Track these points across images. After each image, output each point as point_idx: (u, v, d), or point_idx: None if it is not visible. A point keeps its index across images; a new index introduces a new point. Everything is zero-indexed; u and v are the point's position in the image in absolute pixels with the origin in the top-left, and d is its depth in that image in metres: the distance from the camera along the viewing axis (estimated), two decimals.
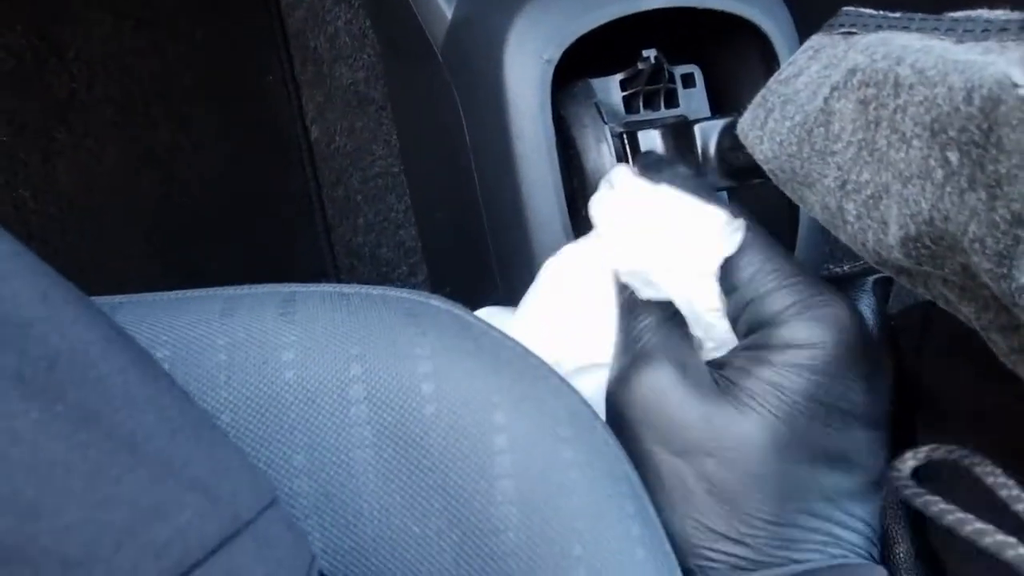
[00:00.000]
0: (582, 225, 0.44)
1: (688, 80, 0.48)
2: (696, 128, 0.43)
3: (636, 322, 0.38)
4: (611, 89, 0.46)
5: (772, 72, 0.35)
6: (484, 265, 0.50)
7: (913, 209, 0.27)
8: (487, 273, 0.50)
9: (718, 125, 0.43)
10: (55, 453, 0.19)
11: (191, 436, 0.22)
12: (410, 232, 0.86)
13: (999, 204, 0.23)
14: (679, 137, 0.44)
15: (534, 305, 0.41)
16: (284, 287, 0.32)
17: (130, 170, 0.81)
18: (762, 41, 0.46)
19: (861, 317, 0.36)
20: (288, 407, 0.29)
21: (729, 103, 0.48)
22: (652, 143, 0.44)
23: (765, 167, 0.34)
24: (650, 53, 0.44)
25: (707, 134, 0.43)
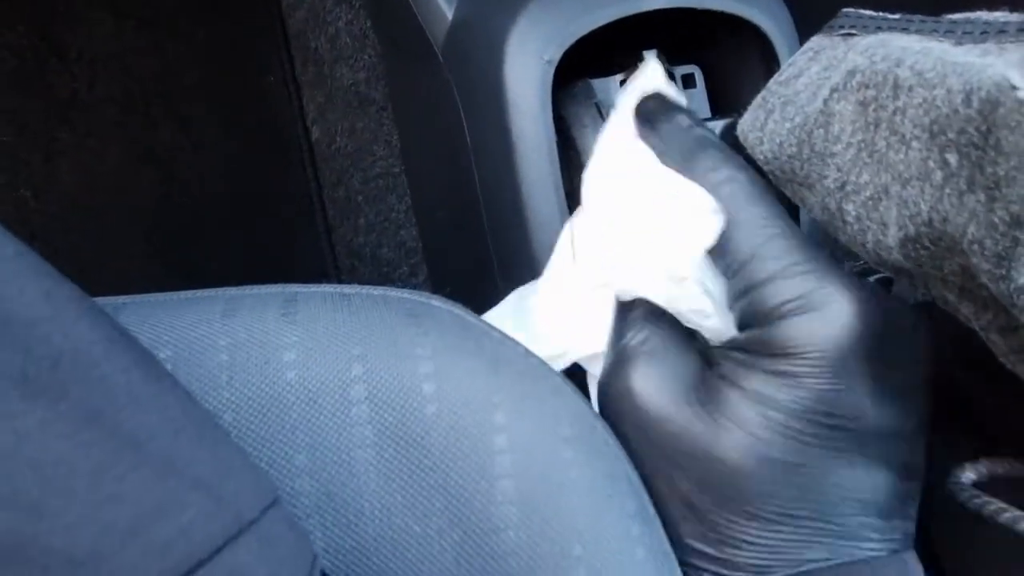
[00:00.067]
0: None
1: (688, 81, 0.48)
2: None
3: (625, 314, 0.35)
4: (611, 89, 0.46)
5: (772, 73, 0.35)
6: (485, 265, 0.50)
7: (912, 210, 0.27)
8: (488, 273, 0.50)
9: (718, 126, 0.43)
10: (59, 452, 0.19)
11: (194, 436, 0.22)
12: (411, 232, 0.86)
13: (998, 206, 0.23)
14: None
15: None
16: (285, 288, 0.32)
17: (131, 170, 0.81)
18: (762, 42, 0.46)
19: (881, 311, 0.31)
20: (290, 407, 0.29)
21: (729, 104, 0.48)
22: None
23: (765, 168, 0.34)
24: (650, 54, 0.44)
25: None
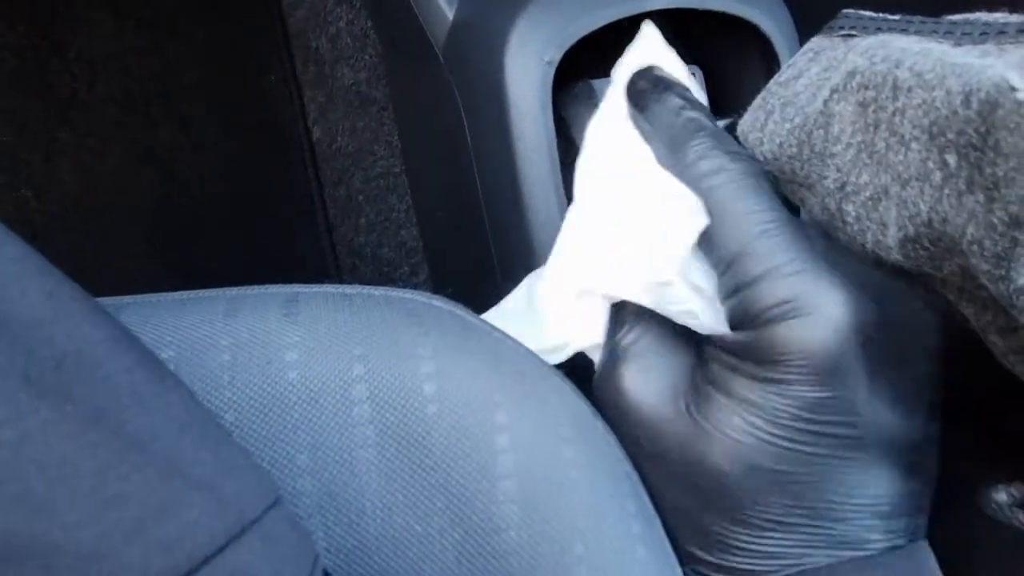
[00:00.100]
0: None
1: None
2: None
3: (619, 309, 0.35)
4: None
5: (772, 74, 0.35)
6: (485, 265, 0.50)
7: (912, 211, 0.27)
8: (488, 273, 0.50)
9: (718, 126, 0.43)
10: (63, 452, 0.19)
11: (197, 435, 0.22)
12: (412, 232, 0.86)
13: (997, 206, 0.23)
14: None
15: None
16: (287, 288, 0.32)
17: (131, 170, 0.81)
18: (763, 43, 0.46)
19: (877, 313, 0.30)
20: (292, 407, 0.29)
21: (729, 104, 0.48)
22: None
23: (765, 168, 0.35)
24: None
25: None
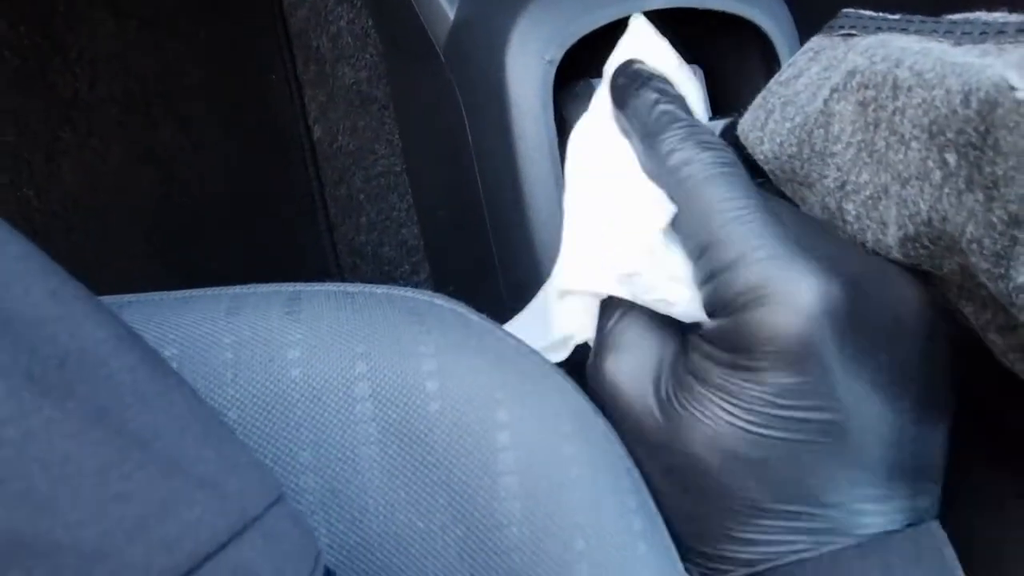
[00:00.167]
0: None
1: None
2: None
3: (610, 300, 0.35)
4: None
5: (772, 73, 0.35)
6: (486, 264, 0.50)
7: (912, 210, 0.27)
8: (490, 272, 0.50)
9: (718, 126, 0.43)
10: (66, 450, 0.19)
11: (200, 433, 0.22)
12: (412, 231, 0.86)
13: (996, 205, 0.23)
14: None
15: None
16: (289, 286, 0.32)
17: (132, 170, 0.81)
18: (763, 42, 0.46)
19: (853, 296, 0.29)
20: (294, 404, 0.29)
21: (730, 104, 0.48)
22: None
23: (765, 167, 0.35)
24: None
25: None
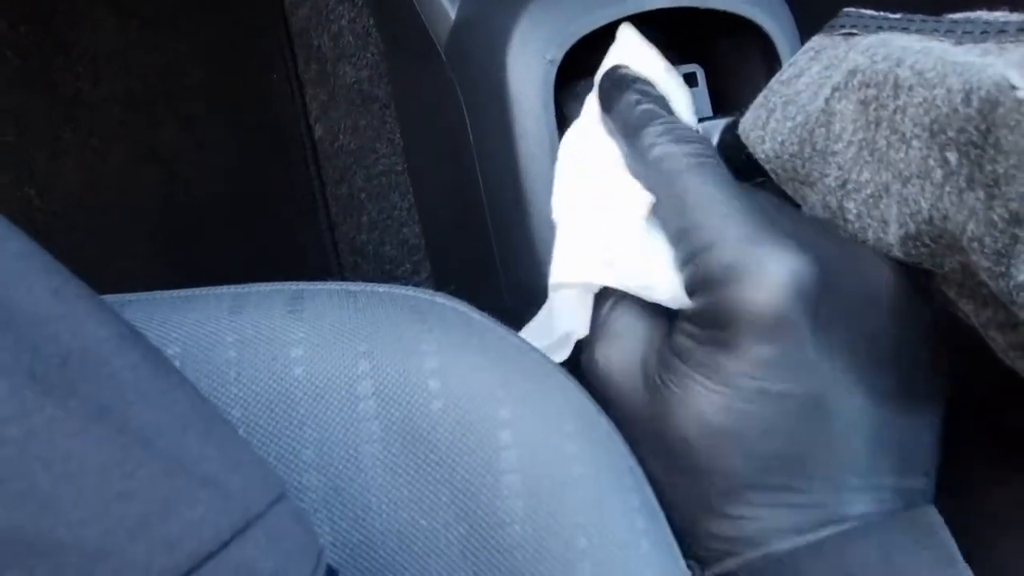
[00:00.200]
0: None
1: (690, 80, 0.48)
2: (698, 127, 0.43)
3: (603, 292, 0.35)
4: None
5: (774, 72, 0.35)
6: (487, 263, 0.51)
7: (913, 208, 0.27)
8: (490, 271, 0.50)
9: (720, 124, 0.43)
10: (69, 449, 0.19)
11: (202, 431, 0.22)
12: (413, 230, 0.86)
13: (997, 203, 0.23)
14: None
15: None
16: (291, 285, 0.32)
17: (134, 169, 0.81)
18: (764, 41, 0.46)
19: (827, 271, 0.29)
20: (297, 403, 0.29)
21: (731, 103, 0.49)
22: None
23: (766, 166, 0.35)
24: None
25: (709, 133, 0.43)
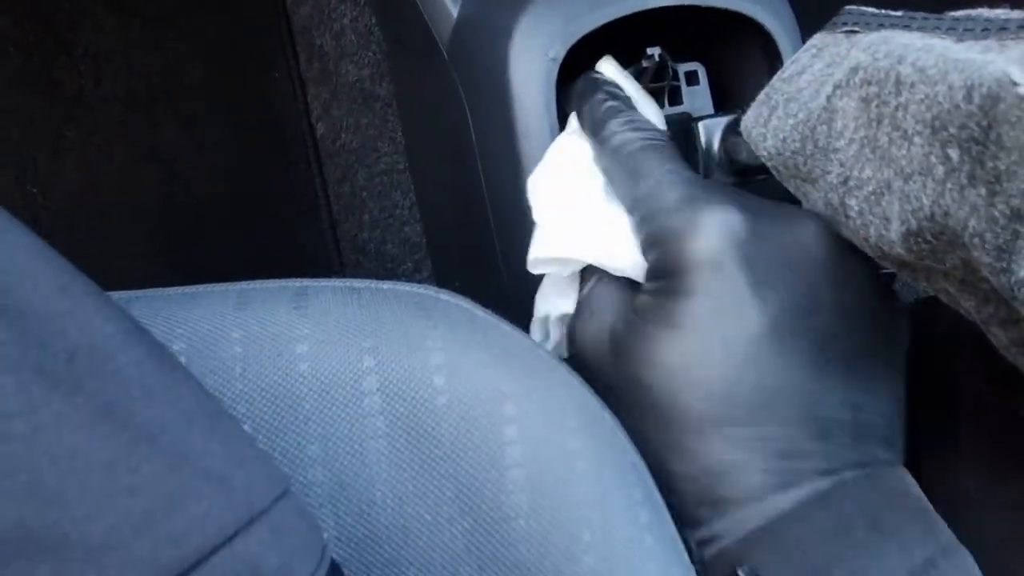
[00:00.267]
0: None
1: (692, 78, 0.48)
2: (700, 125, 0.43)
3: (585, 271, 0.37)
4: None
5: (775, 70, 0.35)
6: (489, 261, 0.51)
7: (914, 205, 0.27)
8: (492, 269, 0.50)
9: (722, 122, 0.43)
10: (75, 444, 0.19)
11: (207, 427, 0.23)
12: (415, 228, 0.86)
13: (998, 200, 0.23)
14: (683, 134, 0.44)
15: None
16: (295, 282, 0.32)
17: (136, 168, 0.81)
18: (765, 39, 0.46)
19: (760, 223, 0.31)
20: (302, 399, 0.29)
21: (732, 101, 0.49)
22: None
23: (768, 164, 0.35)
24: (654, 51, 0.44)
25: (711, 131, 0.44)
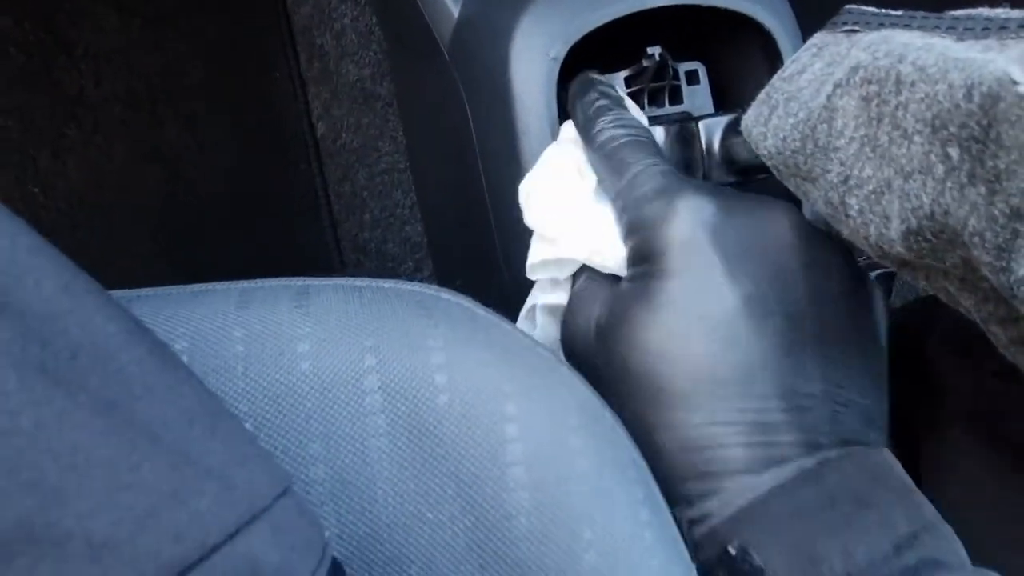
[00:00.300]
0: None
1: (692, 77, 0.48)
2: (700, 124, 0.44)
3: (578, 271, 0.38)
4: (616, 86, 0.46)
5: (775, 69, 0.35)
6: (490, 260, 0.51)
7: (914, 204, 0.27)
8: (493, 268, 0.50)
9: (722, 121, 0.44)
10: (77, 441, 0.19)
11: (208, 425, 0.23)
12: (416, 228, 0.86)
13: (998, 199, 0.24)
14: (683, 133, 0.44)
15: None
16: (297, 280, 0.32)
17: (137, 168, 0.81)
18: (766, 39, 0.46)
19: (730, 208, 0.32)
20: (304, 397, 0.29)
21: (733, 100, 0.49)
22: (656, 139, 0.44)
23: (769, 163, 0.35)
24: (655, 50, 0.45)
25: (711, 130, 0.44)
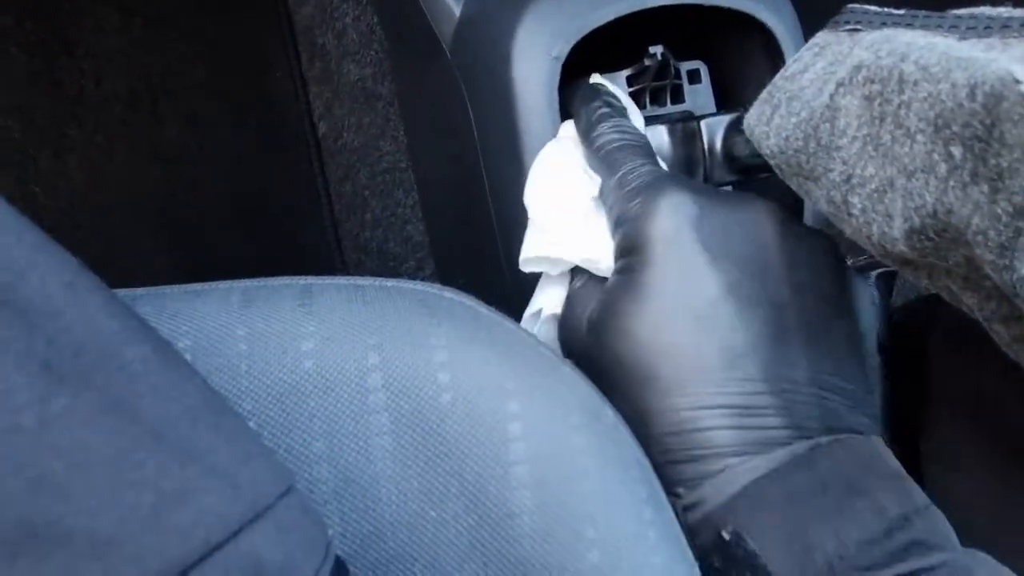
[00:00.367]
0: None
1: (694, 76, 0.48)
2: (702, 124, 0.44)
3: (575, 270, 0.39)
4: (618, 85, 0.46)
5: (778, 69, 0.35)
6: (492, 260, 0.51)
7: (917, 202, 0.27)
8: (495, 267, 0.50)
9: (724, 121, 0.44)
10: (81, 438, 0.19)
11: (211, 423, 0.23)
12: (417, 227, 0.86)
13: (1001, 197, 0.24)
14: (685, 132, 0.44)
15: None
16: (300, 279, 0.32)
17: (138, 168, 0.81)
18: (767, 38, 0.46)
19: (707, 208, 0.33)
20: (308, 395, 0.30)
21: (735, 99, 0.49)
22: (658, 139, 0.44)
23: (771, 162, 0.35)
24: (657, 50, 0.45)
25: (713, 130, 0.44)
